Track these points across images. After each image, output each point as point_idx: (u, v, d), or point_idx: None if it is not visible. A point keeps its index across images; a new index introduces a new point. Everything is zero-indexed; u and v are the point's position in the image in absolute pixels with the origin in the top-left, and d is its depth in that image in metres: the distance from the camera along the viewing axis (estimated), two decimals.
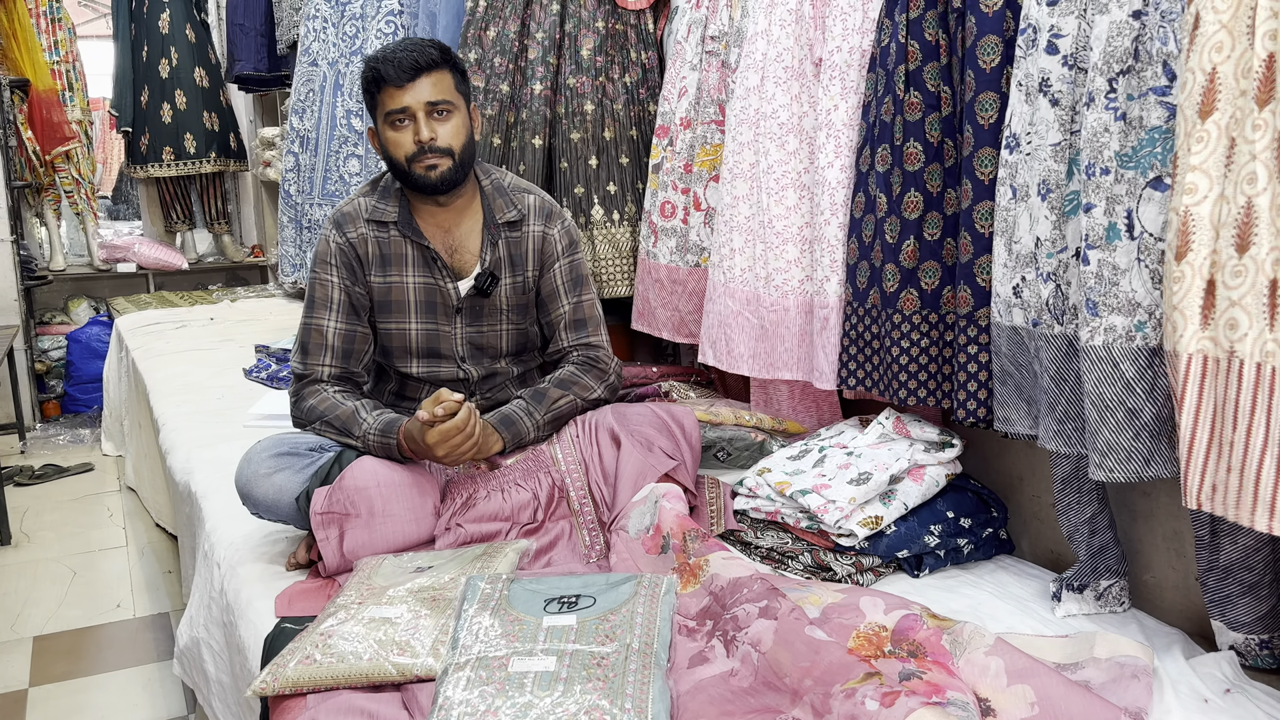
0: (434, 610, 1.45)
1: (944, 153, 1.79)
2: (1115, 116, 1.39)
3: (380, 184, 2.01)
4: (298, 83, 3.42)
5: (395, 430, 1.80)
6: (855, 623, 1.39)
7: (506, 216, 2.00)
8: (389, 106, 1.86)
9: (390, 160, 1.92)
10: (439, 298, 1.98)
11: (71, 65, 5.45)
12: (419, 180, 1.89)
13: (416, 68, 1.84)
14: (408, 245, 1.96)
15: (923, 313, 1.83)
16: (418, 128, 1.86)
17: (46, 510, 3.83)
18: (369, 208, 1.97)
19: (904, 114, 1.82)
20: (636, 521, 1.73)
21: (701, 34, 2.36)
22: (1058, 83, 1.50)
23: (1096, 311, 1.41)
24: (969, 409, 1.75)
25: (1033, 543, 1.91)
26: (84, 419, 5.08)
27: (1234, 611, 1.46)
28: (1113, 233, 1.40)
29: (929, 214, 1.82)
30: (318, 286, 1.96)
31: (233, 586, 1.79)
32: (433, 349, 2.00)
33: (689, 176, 2.41)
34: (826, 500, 1.76)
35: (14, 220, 4.79)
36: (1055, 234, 1.53)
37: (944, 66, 1.77)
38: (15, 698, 2.50)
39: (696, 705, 1.25)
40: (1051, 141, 1.52)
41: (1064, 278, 1.53)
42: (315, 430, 1.90)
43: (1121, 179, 1.39)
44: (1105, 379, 1.41)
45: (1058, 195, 1.52)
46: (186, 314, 4.58)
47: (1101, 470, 1.43)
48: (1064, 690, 1.26)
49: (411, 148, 1.87)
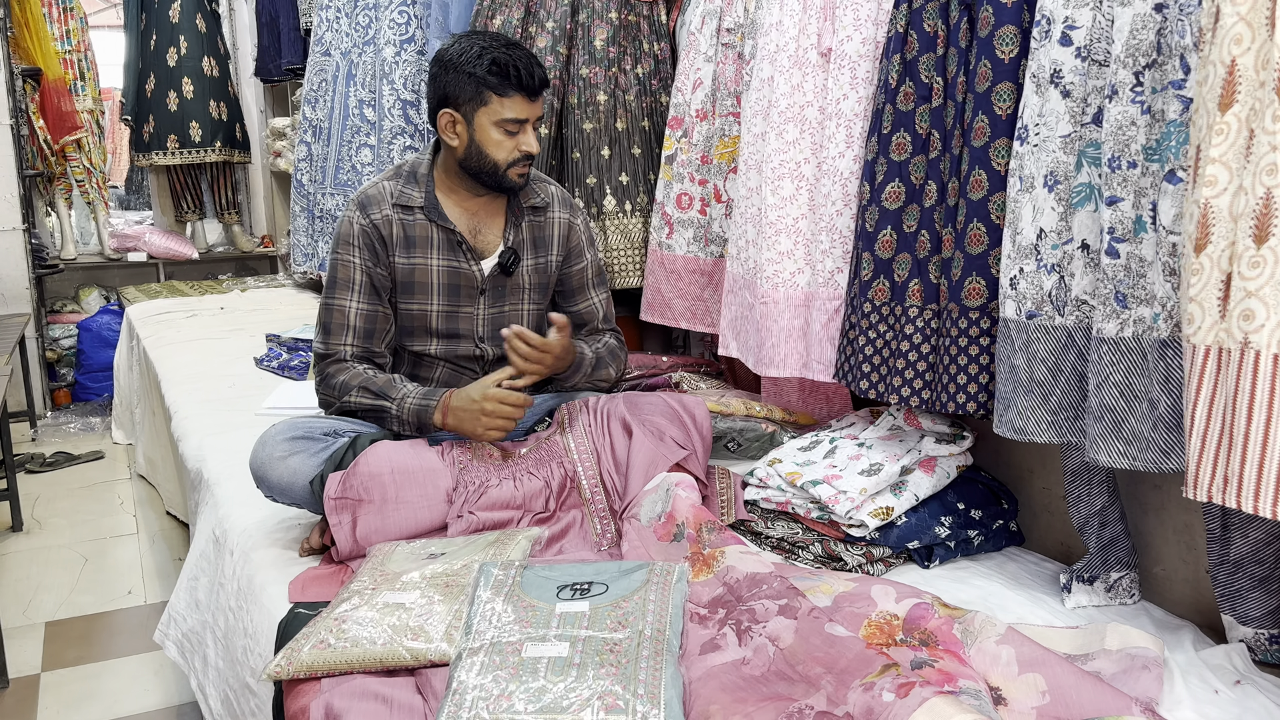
0: (447, 596, 1.45)
1: (930, 144, 1.80)
2: (1142, 110, 1.40)
3: (404, 171, 2.04)
4: (310, 72, 3.42)
5: (437, 395, 1.87)
6: (867, 611, 1.40)
7: (532, 201, 2.08)
8: (510, 114, 1.90)
9: (481, 156, 1.94)
10: (462, 279, 2.02)
11: (83, 55, 5.46)
12: (509, 183, 1.97)
13: (545, 84, 1.92)
14: (433, 229, 2.00)
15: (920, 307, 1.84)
16: (528, 139, 1.93)
17: (58, 497, 3.85)
18: (395, 192, 2.00)
19: (897, 104, 1.83)
20: (648, 510, 1.74)
21: (717, 25, 2.36)
22: (1070, 74, 1.50)
23: (1126, 304, 1.42)
24: (958, 402, 1.75)
25: (1043, 535, 1.92)
26: (94, 407, 5.11)
27: (1245, 606, 1.46)
28: (1140, 226, 1.40)
29: (909, 206, 1.84)
30: (339, 267, 1.98)
31: (245, 572, 1.80)
32: (453, 329, 2.04)
33: (706, 168, 2.41)
34: (837, 491, 1.76)
35: (25, 209, 4.81)
36: (1061, 225, 1.53)
37: (940, 58, 1.77)
38: (28, 683, 2.52)
39: (708, 692, 1.26)
40: (1061, 133, 1.51)
41: (1068, 269, 1.53)
42: (349, 402, 1.93)
43: (1147, 172, 1.39)
44: (1135, 369, 1.42)
45: (1065, 187, 1.52)
46: (197, 303, 4.60)
47: (1125, 459, 1.43)
48: (1075, 680, 1.27)
49: (515, 155, 1.94)
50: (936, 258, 1.79)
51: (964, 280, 1.71)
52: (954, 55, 1.74)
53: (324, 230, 3.32)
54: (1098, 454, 1.46)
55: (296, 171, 3.53)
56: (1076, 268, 1.52)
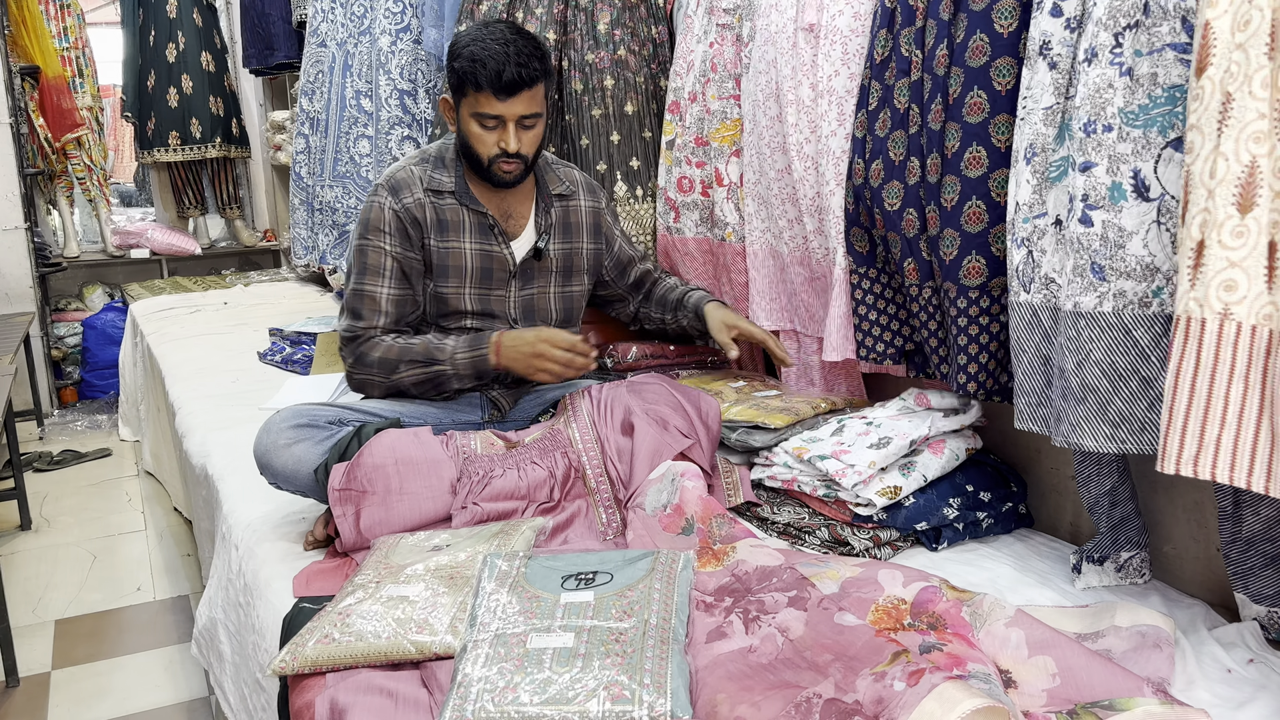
0: (452, 588, 1.45)
1: (909, 119, 1.78)
2: (1120, 72, 1.36)
3: (432, 155, 2.05)
4: (306, 64, 3.40)
5: (486, 341, 1.91)
6: (874, 596, 1.38)
7: (559, 189, 2.13)
8: (482, 109, 1.89)
9: (468, 147, 1.97)
10: (495, 263, 2.04)
11: (81, 52, 5.45)
12: (494, 178, 1.99)
13: (518, 84, 1.87)
14: (464, 212, 2.01)
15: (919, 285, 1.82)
16: (505, 136, 1.91)
17: (65, 495, 3.86)
18: (424, 176, 2.01)
19: (884, 80, 1.83)
20: (654, 499, 1.72)
21: (710, 5, 2.33)
22: (1058, 45, 1.47)
23: (1103, 276, 1.38)
24: (959, 382, 1.74)
25: (1052, 516, 1.90)
26: (101, 405, 5.11)
27: (1257, 584, 1.44)
28: (1117, 192, 1.36)
29: (889, 183, 1.82)
30: (370, 252, 1.97)
31: (250, 567, 1.80)
32: (486, 309, 2.07)
33: (703, 150, 2.39)
34: (845, 465, 1.74)
35: (27, 208, 4.80)
36: (1035, 199, 1.50)
37: (919, 30, 1.74)
38: (39, 680, 2.53)
39: (715, 680, 1.25)
40: (1045, 105, 1.49)
41: (1037, 245, 1.50)
42: (400, 379, 1.94)
43: (1126, 137, 1.36)
44: (1117, 346, 1.38)
45: (1042, 160, 1.49)
46: (200, 299, 4.59)
47: (1114, 442, 1.40)
48: (1085, 661, 1.25)
49: (495, 150, 1.93)
50: (925, 235, 1.77)
51: (962, 259, 1.68)
52: (932, 27, 1.71)
53: (323, 222, 3.31)
54: (1081, 438, 1.42)
55: (295, 164, 3.52)
56: (1047, 244, 1.48)
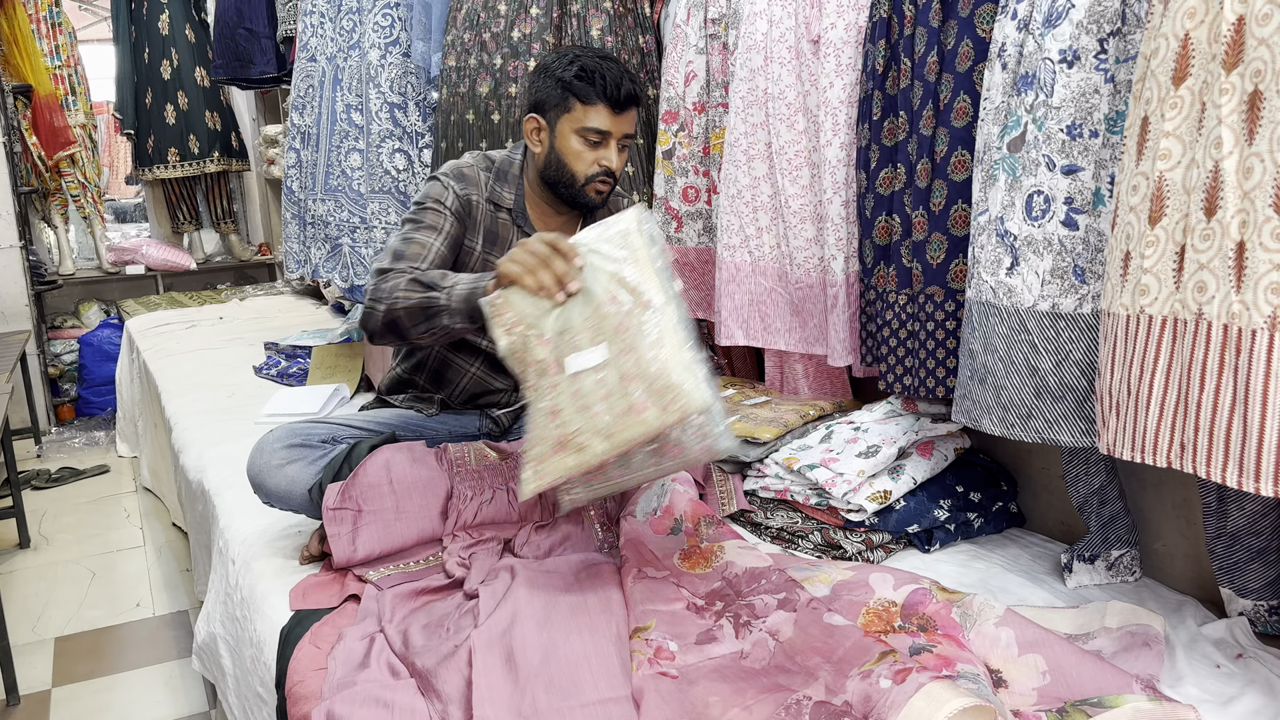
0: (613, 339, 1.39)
1: (898, 126, 1.79)
2: (1105, 79, 1.38)
3: (494, 166, 2.00)
4: (297, 79, 3.41)
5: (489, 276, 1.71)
6: (865, 599, 1.40)
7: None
8: (592, 124, 1.84)
9: (561, 166, 1.89)
10: None
11: (73, 69, 5.46)
12: (585, 199, 1.91)
13: (633, 100, 1.85)
14: (515, 233, 1.98)
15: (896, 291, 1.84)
16: (608, 154, 1.87)
17: (64, 513, 3.87)
18: (489, 187, 1.97)
19: (886, 89, 1.83)
20: (644, 505, 1.74)
21: (703, 16, 2.35)
22: (1011, 47, 1.49)
23: (1084, 279, 1.40)
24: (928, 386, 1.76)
25: (1043, 515, 1.91)
26: (98, 421, 5.12)
27: (1243, 578, 1.45)
28: (1098, 198, 1.39)
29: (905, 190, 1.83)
30: (430, 213, 1.89)
31: (247, 582, 1.81)
32: None
33: (708, 160, 2.41)
34: (835, 474, 1.75)
35: (22, 226, 4.81)
36: (980, 196, 1.52)
37: (909, 38, 1.76)
38: (39, 698, 2.53)
39: (707, 681, 1.26)
40: (995, 104, 1.51)
41: (978, 241, 1.52)
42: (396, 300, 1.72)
43: (1108, 144, 1.38)
44: (1097, 348, 1.41)
45: (989, 159, 1.51)
46: (196, 314, 4.61)
47: (1088, 437, 1.43)
48: (1076, 659, 1.27)
49: (595, 169, 1.88)
50: (908, 241, 1.78)
51: (949, 262, 1.70)
52: (922, 35, 1.73)
53: (315, 236, 3.31)
54: (1059, 434, 1.45)
55: (286, 178, 3.52)
56: (987, 241, 1.50)
